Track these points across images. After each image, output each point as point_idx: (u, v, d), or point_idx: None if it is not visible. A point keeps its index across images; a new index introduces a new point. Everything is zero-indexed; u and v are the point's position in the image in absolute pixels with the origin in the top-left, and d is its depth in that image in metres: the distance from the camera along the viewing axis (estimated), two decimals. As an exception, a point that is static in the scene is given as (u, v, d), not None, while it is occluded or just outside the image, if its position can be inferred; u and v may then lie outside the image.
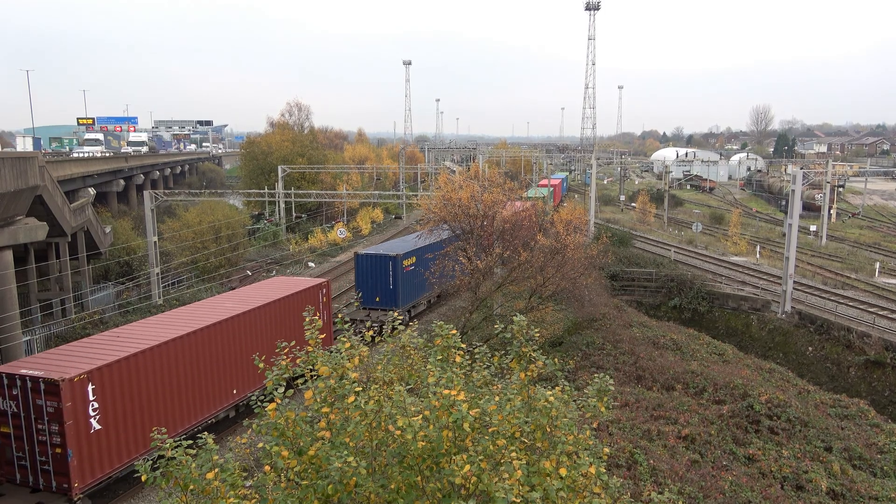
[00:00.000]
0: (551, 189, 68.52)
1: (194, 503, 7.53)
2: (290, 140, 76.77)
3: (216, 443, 7.89)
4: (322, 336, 9.36)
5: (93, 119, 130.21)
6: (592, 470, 7.75)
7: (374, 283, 33.13)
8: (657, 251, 52.85)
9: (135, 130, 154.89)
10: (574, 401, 8.52)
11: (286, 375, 8.37)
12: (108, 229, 48.05)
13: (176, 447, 7.54)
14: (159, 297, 39.84)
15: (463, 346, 8.97)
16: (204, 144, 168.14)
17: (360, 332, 8.99)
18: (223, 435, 22.29)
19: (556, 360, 9.00)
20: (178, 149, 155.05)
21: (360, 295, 33.56)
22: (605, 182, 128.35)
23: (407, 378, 8.96)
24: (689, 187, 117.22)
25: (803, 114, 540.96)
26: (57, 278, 36.42)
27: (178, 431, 19.34)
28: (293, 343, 9.51)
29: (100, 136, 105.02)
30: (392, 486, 7.39)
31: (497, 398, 8.08)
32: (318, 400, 7.93)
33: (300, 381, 8.30)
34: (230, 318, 21.86)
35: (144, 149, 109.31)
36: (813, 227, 65.61)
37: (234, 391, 21.97)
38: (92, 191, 61.01)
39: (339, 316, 9.99)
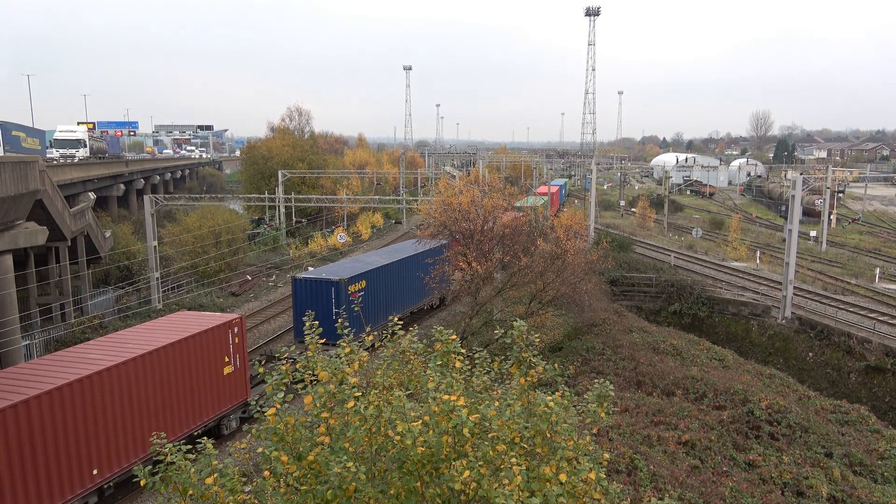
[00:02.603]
0: (548, 197, 68.39)
1: (193, 508, 7.50)
2: (291, 145, 76.99)
3: (215, 448, 7.88)
4: (231, 371, 8.46)
5: (93, 123, 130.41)
6: (592, 475, 7.73)
7: (315, 312, 28.52)
8: (657, 256, 52.87)
9: (135, 135, 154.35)
10: (574, 406, 8.51)
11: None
12: (108, 234, 48.08)
13: (175, 452, 7.53)
14: (159, 302, 39.87)
15: (463, 351, 8.96)
16: (188, 148, 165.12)
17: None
18: (222, 440, 22.31)
19: (556, 365, 8.99)
20: (153, 153, 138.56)
21: (307, 326, 28.57)
22: (605, 187, 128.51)
23: (407, 383, 8.95)
24: (688, 192, 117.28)
25: (803, 119, 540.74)
26: (57, 283, 36.41)
27: None
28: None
29: None
30: (391, 492, 7.38)
31: (497, 403, 8.07)
32: (318, 405, 7.92)
33: (299, 385, 8.29)
34: (87, 376, 17.01)
35: (82, 152, 71.85)
36: (813, 233, 65.63)
37: (95, 471, 17.25)
38: (92, 195, 61.14)
39: (261, 367, 9.25)
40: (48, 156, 69.98)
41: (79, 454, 16.75)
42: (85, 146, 72.84)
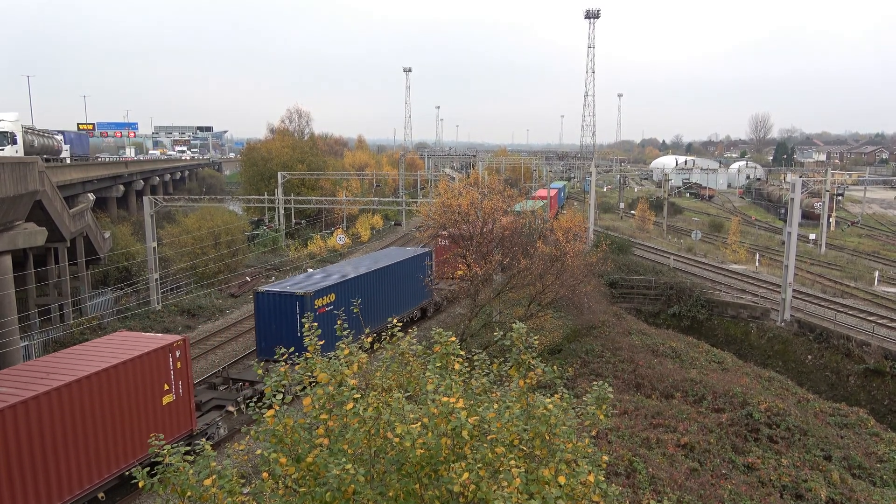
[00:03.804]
0: (547, 200, 68.26)
1: (191, 510, 7.48)
2: (290, 146, 77.02)
3: (214, 449, 7.87)
4: (171, 401, 7.80)
5: (93, 124, 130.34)
6: (591, 478, 7.73)
7: (278, 328, 26.26)
8: (656, 259, 52.87)
9: (135, 136, 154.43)
10: (573, 408, 8.51)
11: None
12: (107, 235, 48.06)
13: (174, 453, 7.51)
14: (158, 303, 39.85)
15: (462, 353, 8.95)
16: (178, 149, 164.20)
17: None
18: (221, 442, 22.27)
19: (555, 367, 8.98)
20: (139, 156, 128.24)
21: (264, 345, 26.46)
22: (605, 190, 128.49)
23: (406, 385, 8.95)
24: (688, 195, 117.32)
25: (802, 122, 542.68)
26: (55, 284, 36.39)
27: None
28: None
29: None
30: (390, 494, 7.37)
31: (496, 406, 8.07)
32: (317, 407, 7.91)
33: (299, 387, 8.29)
34: None
35: (10, 150, 48.10)
36: (812, 236, 65.66)
37: None
38: (91, 196, 61.10)
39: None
40: None
41: None
42: (14, 143, 50.73)
